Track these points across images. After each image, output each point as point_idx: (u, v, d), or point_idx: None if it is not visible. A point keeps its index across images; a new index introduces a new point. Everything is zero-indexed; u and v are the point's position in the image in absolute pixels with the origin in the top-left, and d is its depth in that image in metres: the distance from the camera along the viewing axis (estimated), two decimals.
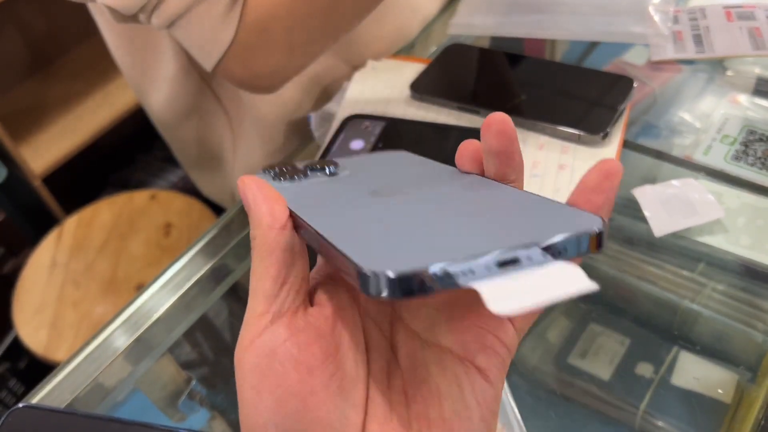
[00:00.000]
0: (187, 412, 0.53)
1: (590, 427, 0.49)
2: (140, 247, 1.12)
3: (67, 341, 1.02)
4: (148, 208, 1.17)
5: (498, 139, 0.26)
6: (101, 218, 1.17)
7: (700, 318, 0.52)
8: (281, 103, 0.70)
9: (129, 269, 1.09)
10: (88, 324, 1.04)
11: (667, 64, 0.67)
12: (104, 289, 1.07)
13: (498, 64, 0.66)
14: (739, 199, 0.56)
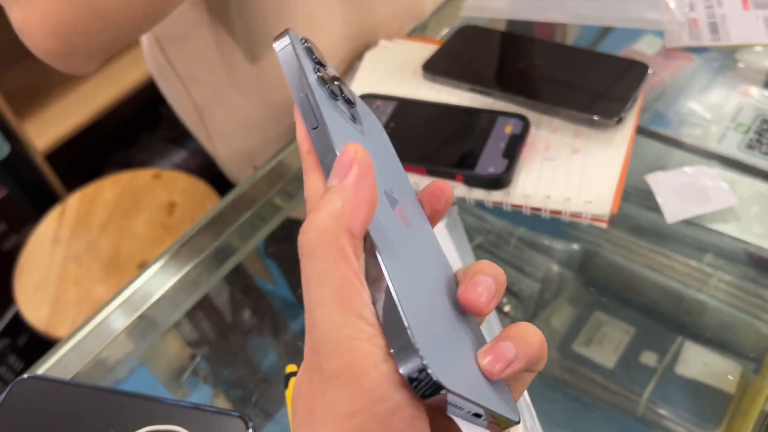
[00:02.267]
0: (191, 389, 0.53)
1: (593, 414, 0.49)
2: (143, 225, 1.12)
3: (69, 318, 1.02)
4: (152, 187, 1.17)
5: (445, 203, 0.30)
6: (104, 196, 1.17)
7: (705, 308, 0.52)
8: None
9: (131, 247, 1.09)
10: (90, 301, 1.04)
11: (679, 53, 0.67)
12: (106, 267, 1.07)
13: (512, 46, 0.66)
14: (753, 187, 0.56)
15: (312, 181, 0.28)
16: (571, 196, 0.53)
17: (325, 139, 0.27)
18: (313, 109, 0.27)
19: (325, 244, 0.24)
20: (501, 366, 0.25)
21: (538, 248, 0.57)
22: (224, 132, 0.75)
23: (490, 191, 0.54)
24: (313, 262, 0.24)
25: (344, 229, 0.24)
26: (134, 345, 0.55)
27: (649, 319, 0.53)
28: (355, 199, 0.25)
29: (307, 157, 0.28)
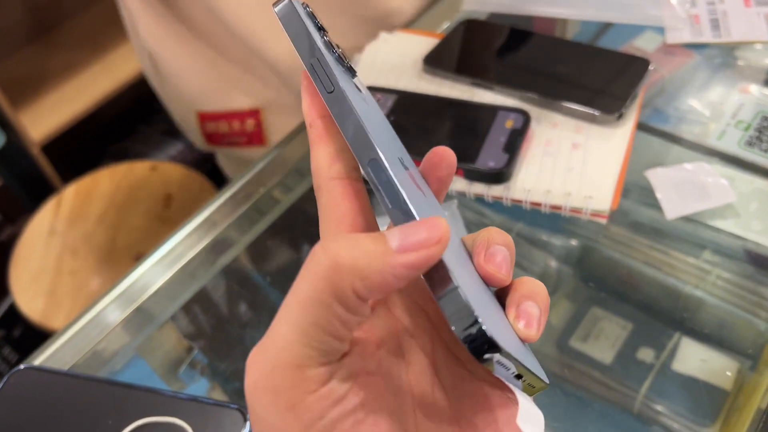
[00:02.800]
0: (188, 381, 0.53)
1: (590, 410, 0.49)
2: (139, 218, 1.12)
3: (64, 310, 1.02)
4: (149, 179, 1.17)
5: (448, 170, 0.29)
6: (101, 188, 1.17)
7: (703, 305, 0.52)
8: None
9: (128, 240, 1.09)
10: (86, 293, 1.03)
11: (678, 50, 0.66)
12: (102, 259, 1.07)
13: (513, 41, 0.66)
14: (752, 184, 0.56)
15: (319, 153, 0.27)
16: (572, 191, 0.53)
17: (343, 103, 0.26)
18: (327, 72, 0.26)
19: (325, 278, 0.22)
20: (535, 327, 0.25)
21: (536, 244, 0.57)
22: (171, 76, 0.73)
23: (491, 186, 0.54)
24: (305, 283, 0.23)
25: (351, 288, 0.22)
26: (131, 337, 0.54)
27: (646, 315, 0.53)
28: (392, 272, 0.22)
29: (312, 129, 0.27)
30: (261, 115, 0.69)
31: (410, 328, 0.28)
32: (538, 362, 0.27)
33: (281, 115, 0.69)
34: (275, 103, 0.69)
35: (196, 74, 0.70)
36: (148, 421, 0.40)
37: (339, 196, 0.27)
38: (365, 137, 0.25)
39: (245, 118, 0.70)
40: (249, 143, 0.72)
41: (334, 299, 0.22)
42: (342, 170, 0.27)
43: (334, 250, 0.22)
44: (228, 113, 0.70)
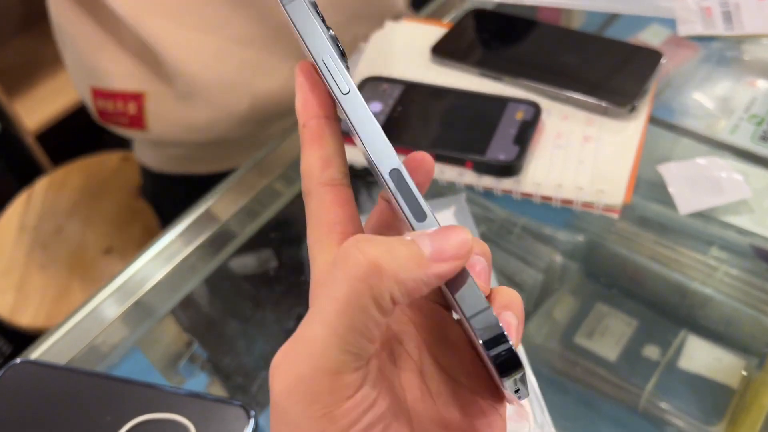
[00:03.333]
0: (187, 376, 0.52)
1: (594, 407, 0.49)
2: (111, 209, 1.11)
3: (33, 305, 1.00)
4: (120, 170, 1.16)
5: (426, 176, 0.29)
6: (72, 181, 1.16)
7: (710, 302, 0.52)
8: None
9: (98, 233, 1.08)
10: (55, 288, 1.02)
11: (684, 44, 0.66)
12: (72, 253, 1.06)
13: (523, 31, 0.65)
14: (766, 179, 0.55)
15: (312, 157, 0.27)
16: (583, 185, 0.52)
17: (359, 107, 0.25)
18: (341, 72, 0.25)
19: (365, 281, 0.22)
20: (513, 337, 0.25)
21: (542, 238, 0.57)
22: (69, 48, 0.74)
23: (500, 179, 0.53)
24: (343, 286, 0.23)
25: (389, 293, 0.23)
26: (130, 331, 0.54)
27: (652, 312, 0.52)
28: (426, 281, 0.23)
29: (305, 130, 0.27)
30: (143, 99, 0.70)
31: (399, 335, 0.28)
32: None
33: (163, 104, 0.70)
34: (158, 91, 0.70)
35: (91, 50, 0.71)
36: (148, 417, 0.39)
37: (330, 202, 0.27)
38: (386, 146, 0.25)
39: (128, 100, 0.71)
40: (130, 126, 0.73)
41: (372, 303, 0.22)
42: (334, 176, 0.27)
43: (373, 253, 0.22)
44: (115, 93, 0.71)
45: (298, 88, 0.27)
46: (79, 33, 0.70)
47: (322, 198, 0.27)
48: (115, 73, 0.70)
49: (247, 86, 0.68)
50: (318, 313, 0.23)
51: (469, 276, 0.24)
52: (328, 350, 0.22)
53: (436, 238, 0.23)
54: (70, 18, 0.70)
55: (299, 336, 0.23)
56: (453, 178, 0.54)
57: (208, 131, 0.71)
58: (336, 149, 0.27)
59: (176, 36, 0.65)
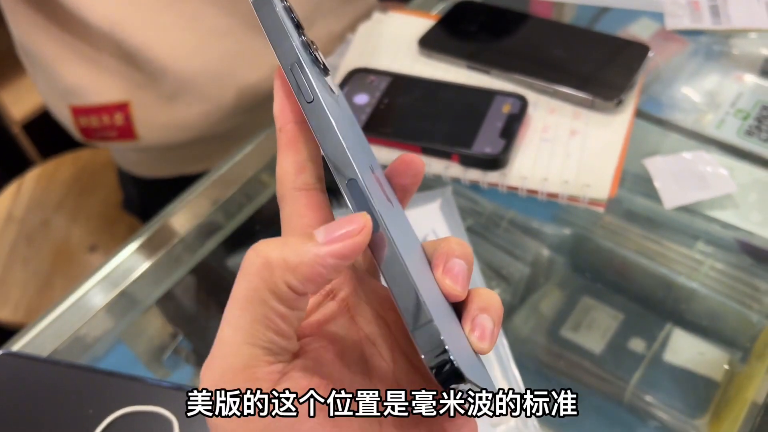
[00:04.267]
0: (172, 368, 0.52)
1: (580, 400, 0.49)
2: (98, 205, 1.09)
3: (13, 299, 0.99)
4: (111, 165, 1.14)
5: (413, 179, 0.29)
6: (62, 173, 1.14)
7: (695, 296, 0.52)
8: None
9: (84, 229, 1.06)
10: (36, 283, 1.00)
11: (673, 38, 0.66)
12: (56, 248, 1.04)
13: (510, 24, 0.65)
14: (751, 174, 0.55)
15: (286, 161, 0.27)
16: (569, 179, 0.52)
17: (322, 116, 0.25)
18: (306, 80, 0.25)
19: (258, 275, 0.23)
20: (488, 341, 0.25)
21: (529, 232, 0.57)
22: (41, 68, 0.70)
23: (486, 172, 0.53)
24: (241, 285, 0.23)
25: (283, 282, 0.23)
26: (114, 322, 0.53)
27: (638, 305, 0.52)
28: (321, 263, 0.23)
29: (281, 134, 0.27)
30: (129, 108, 0.68)
31: (372, 336, 0.28)
32: (487, 370, 0.27)
33: (150, 108, 0.68)
34: (144, 96, 0.67)
35: (65, 67, 0.68)
36: (130, 410, 0.39)
37: (304, 207, 0.27)
38: (344, 156, 0.25)
39: (114, 112, 0.68)
40: (119, 138, 0.70)
41: (269, 294, 0.23)
42: (308, 180, 0.27)
43: (264, 249, 0.23)
44: (97, 107, 0.68)
45: (276, 92, 0.27)
46: (49, 52, 0.67)
47: (295, 203, 0.27)
48: (94, 87, 0.67)
49: (233, 76, 0.67)
50: (225, 315, 0.24)
51: (421, 300, 0.24)
52: (236, 347, 0.23)
53: (330, 225, 0.24)
54: (37, 38, 0.67)
55: (215, 342, 0.24)
56: (439, 171, 0.54)
57: (200, 127, 0.69)
58: (310, 155, 0.27)
59: (156, 36, 0.64)
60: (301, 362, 0.25)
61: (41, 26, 0.66)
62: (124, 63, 0.66)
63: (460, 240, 0.27)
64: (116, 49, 0.65)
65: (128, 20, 0.63)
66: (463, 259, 0.27)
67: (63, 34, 0.66)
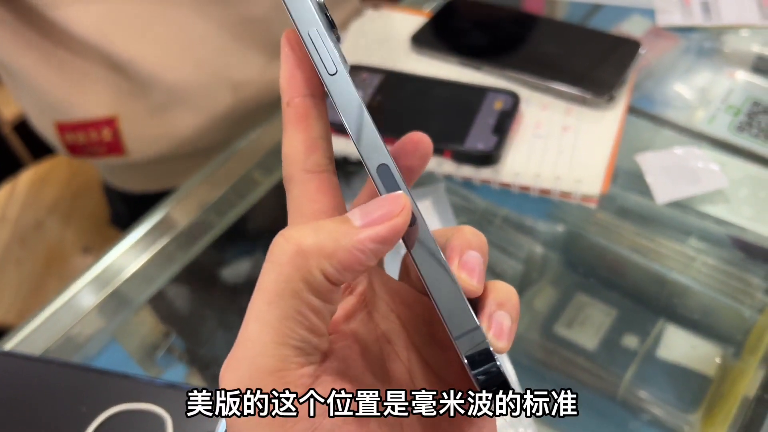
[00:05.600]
0: (165, 367, 0.52)
1: None
2: (92, 207, 1.08)
3: (6, 301, 0.98)
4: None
5: (421, 160, 0.27)
6: (57, 174, 1.13)
7: (688, 291, 0.52)
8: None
9: (78, 230, 1.06)
10: (29, 285, 0.99)
11: (665, 35, 0.66)
12: (50, 250, 1.03)
13: (502, 20, 0.65)
14: (742, 170, 0.56)
15: (296, 139, 0.24)
16: (561, 174, 0.52)
17: (348, 92, 0.23)
18: (328, 48, 0.23)
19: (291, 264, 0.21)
20: (505, 339, 0.24)
21: (522, 229, 0.57)
22: (24, 86, 0.69)
23: (479, 168, 0.53)
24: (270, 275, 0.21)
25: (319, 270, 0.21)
26: (106, 321, 0.53)
27: (631, 301, 0.52)
28: (360, 248, 0.21)
29: (289, 109, 0.24)
30: (117, 122, 0.66)
31: (387, 334, 0.27)
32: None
33: (139, 122, 0.66)
34: (132, 109, 0.66)
35: (49, 83, 0.66)
36: (123, 408, 0.38)
37: (315, 191, 0.24)
38: (374, 137, 0.23)
39: (101, 127, 0.66)
40: (108, 153, 0.68)
41: (303, 285, 0.21)
42: (320, 161, 0.25)
43: (296, 235, 0.21)
44: (84, 123, 0.66)
45: (284, 61, 0.24)
46: (31, 68, 0.65)
47: (305, 186, 0.24)
48: (80, 102, 0.65)
49: (223, 86, 0.66)
50: (250, 310, 0.21)
51: (467, 306, 0.22)
52: (265, 347, 0.21)
53: (367, 206, 0.22)
54: (17, 54, 0.65)
55: (238, 339, 0.21)
56: (432, 167, 0.54)
57: (190, 139, 0.68)
58: (322, 132, 0.25)
59: (144, 47, 0.62)
60: (331, 364, 0.23)
61: (24, 42, 0.64)
62: (112, 76, 0.64)
63: (474, 230, 0.25)
64: (103, 61, 0.63)
65: (116, 32, 0.62)
66: (479, 251, 0.25)
67: (47, 49, 0.64)
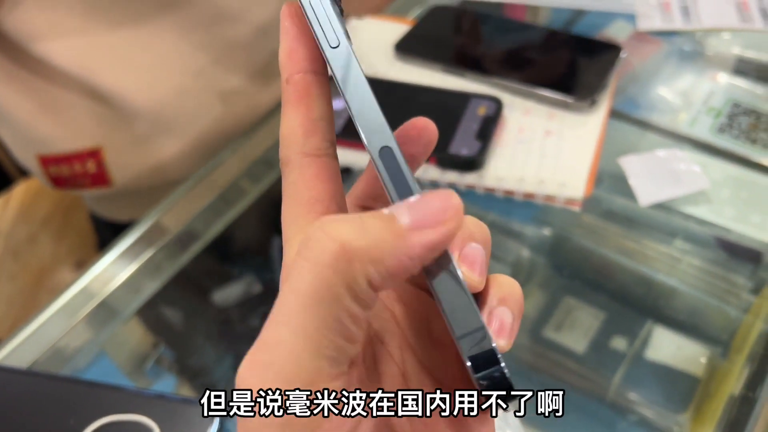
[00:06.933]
0: (154, 378, 0.51)
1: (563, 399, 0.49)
2: (86, 221, 1.08)
3: None
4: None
5: (425, 148, 0.26)
6: (51, 189, 1.12)
7: (674, 293, 0.52)
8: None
9: (71, 244, 1.05)
10: (22, 299, 0.99)
11: (648, 39, 0.67)
12: (43, 264, 1.03)
13: (485, 27, 0.65)
14: (724, 170, 0.56)
15: (295, 120, 0.22)
16: (545, 178, 0.53)
17: (351, 67, 0.21)
18: (330, 19, 0.21)
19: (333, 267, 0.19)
20: (507, 336, 0.22)
21: (509, 234, 0.57)
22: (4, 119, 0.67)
23: (463, 173, 0.53)
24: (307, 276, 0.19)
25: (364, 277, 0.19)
26: (94, 333, 0.53)
27: (619, 304, 0.53)
28: (409, 254, 0.19)
29: (288, 87, 0.22)
30: (101, 154, 0.65)
31: (380, 333, 0.25)
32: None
33: (124, 152, 0.65)
34: (116, 140, 0.64)
35: (31, 116, 0.64)
36: (111, 419, 0.38)
37: (313, 176, 0.22)
38: (378, 118, 0.21)
39: (85, 159, 0.65)
40: (93, 185, 0.67)
41: (345, 291, 0.19)
42: (319, 144, 0.23)
43: (340, 232, 0.19)
44: (68, 155, 0.65)
45: (283, 34, 0.22)
46: (12, 101, 0.63)
47: (303, 170, 0.23)
48: (62, 135, 0.64)
49: (209, 115, 0.65)
50: (282, 311, 0.19)
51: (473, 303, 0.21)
52: (298, 357, 0.19)
53: (415, 204, 0.19)
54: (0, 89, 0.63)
55: (264, 341, 0.19)
56: (416, 173, 0.54)
57: (176, 168, 0.67)
58: (323, 113, 0.23)
59: (128, 77, 0.61)
60: (357, 372, 0.21)
61: (4, 76, 0.63)
62: (95, 107, 0.63)
63: (477, 220, 0.23)
64: (86, 93, 0.62)
65: (98, 63, 0.61)
66: (481, 243, 0.22)
67: (29, 83, 0.63)
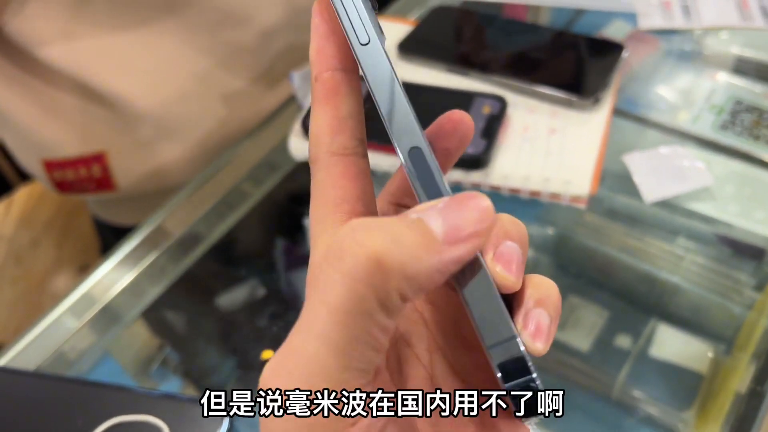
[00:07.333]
0: (160, 380, 0.51)
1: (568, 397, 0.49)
2: (88, 225, 1.08)
3: (1, 319, 0.97)
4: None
5: (460, 143, 0.25)
6: (54, 193, 1.12)
7: (678, 290, 0.52)
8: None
9: (74, 248, 1.05)
10: (25, 303, 0.99)
11: (647, 39, 0.67)
12: (46, 268, 1.03)
13: (488, 27, 0.66)
14: (727, 167, 0.56)
15: (323, 118, 0.22)
16: (550, 176, 0.53)
17: (380, 65, 0.21)
18: (360, 15, 0.20)
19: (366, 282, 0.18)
20: (543, 341, 0.21)
21: None
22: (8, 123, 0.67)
23: (469, 172, 0.53)
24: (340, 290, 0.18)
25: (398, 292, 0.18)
26: (99, 336, 0.53)
27: (623, 302, 0.53)
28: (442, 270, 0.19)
29: (318, 85, 0.22)
30: (106, 158, 0.65)
31: (407, 336, 0.24)
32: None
33: (128, 156, 0.65)
34: (121, 144, 0.65)
35: (35, 121, 0.64)
36: (120, 420, 0.38)
37: (340, 175, 0.22)
38: (408, 118, 0.21)
39: (90, 164, 0.65)
40: (98, 189, 0.67)
41: (377, 306, 0.18)
42: (347, 143, 0.22)
43: (373, 243, 0.18)
44: (73, 160, 0.65)
45: (314, 31, 0.22)
46: (16, 106, 0.64)
47: (330, 169, 0.22)
48: (67, 140, 0.64)
49: (214, 119, 0.65)
50: (312, 322, 0.19)
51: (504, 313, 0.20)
52: (327, 369, 0.18)
53: (448, 212, 0.19)
54: (1, 93, 0.63)
55: (291, 348, 0.19)
56: None
57: (181, 173, 0.67)
58: (352, 111, 0.22)
59: (132, 81, 0.61)
60: (381, 377, 0.21)
61: (8, 81, 0.63)
62: (99, 111, 0.63)
63: (513, 218, 0.23)
64: (90, 97, 0.62)
65: (101, 67, 0.61)
66: (518, 242, 0.22)
67: (33, 87, 0.63)
